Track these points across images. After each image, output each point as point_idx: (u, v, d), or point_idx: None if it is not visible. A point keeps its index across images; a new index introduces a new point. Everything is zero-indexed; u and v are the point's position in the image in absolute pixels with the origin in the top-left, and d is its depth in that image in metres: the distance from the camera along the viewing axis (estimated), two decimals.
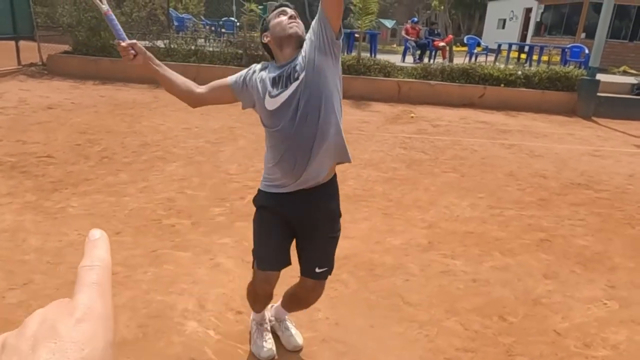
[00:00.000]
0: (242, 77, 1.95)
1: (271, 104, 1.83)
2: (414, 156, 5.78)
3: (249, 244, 3.19)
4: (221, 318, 2.41)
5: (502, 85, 10.03)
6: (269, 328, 2.27)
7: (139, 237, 3.15)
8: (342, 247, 3.24)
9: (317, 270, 1.96)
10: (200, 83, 7.85)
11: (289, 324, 2.31)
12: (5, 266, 2.70)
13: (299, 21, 1.87)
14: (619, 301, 2.85)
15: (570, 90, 10.07)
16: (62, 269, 2.71)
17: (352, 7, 10.15)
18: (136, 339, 2.20)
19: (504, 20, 23.62)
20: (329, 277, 2.02)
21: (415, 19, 13.25)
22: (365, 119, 7.86)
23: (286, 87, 1.79)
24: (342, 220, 2.03)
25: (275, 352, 2.18)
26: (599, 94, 9.90)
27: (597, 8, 14.52)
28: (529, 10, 21.45)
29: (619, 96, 10.45)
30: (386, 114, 8.50)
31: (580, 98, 9.87)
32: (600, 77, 10.02)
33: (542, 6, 19.83)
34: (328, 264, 1.99)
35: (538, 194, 4.75)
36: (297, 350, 2.23)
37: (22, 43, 9.89)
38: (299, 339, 2.26)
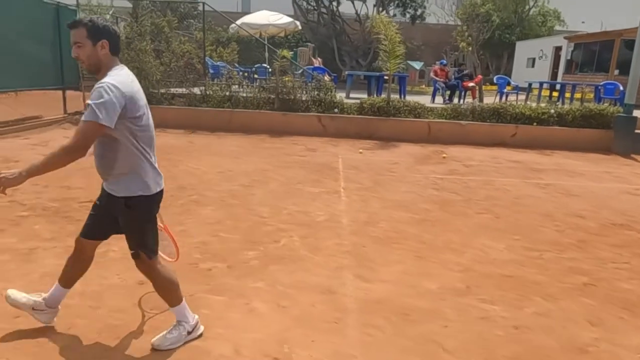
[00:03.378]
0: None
1: None
2: (446, 197, 5.73)
3: (283, 287, 3.22)
4: None
5: (535, 124, 9.95)
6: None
7: None
8: (376, 291, 3.23)
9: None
10: (234, 126, 8.20)
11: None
12: None
13: (82, 45, 2.17)
14: None
15: (605, 128, 9.89)
16: (102, 313, 2.78)
17: (380, 51, 10.40)
18: None
19: (534, 59, 23.62)
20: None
21: (444, 62, 13.43)
22: (395, 160, 7.89)
23: None
24: (374, 263, 2.67)
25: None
26: (637, 130, 9.68)
27: (629, 44, 14.39)
28: (558, 49, 21.41)
29: None
30: (416, 154, 8.51)
31: (617, 135, 9.66)
32: (637, 113, 9.82)
33: (572, 44, 19.79)
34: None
35: (576, 235, 4.61)
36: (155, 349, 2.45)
37: (68, 93, 10.52)
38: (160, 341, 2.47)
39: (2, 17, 8.53)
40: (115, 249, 3.71)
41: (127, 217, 2.37)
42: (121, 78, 2.18)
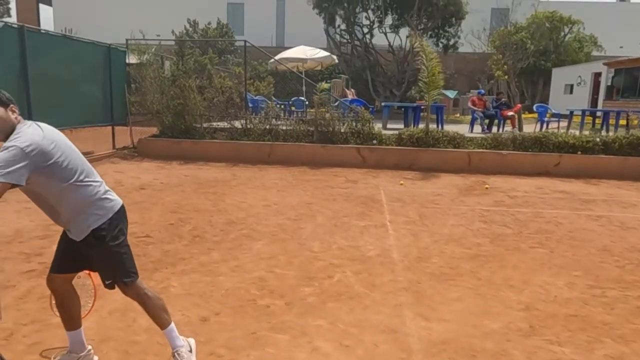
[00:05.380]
0: None
1: None
2: (496, 230, 5.63)
3: (344, 326, 3.20)
4: None
5: (579, 152, 9.73)
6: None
7: (237, 318, 3.25)
8: (438, 330, 3.18)
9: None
10: (274, 159, 8.40)
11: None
12: (120, 347, 2.86)
13: None
14: None
15: None
16: (170, 350, 2.83)
17: (420, 83, 10.47)
18: None
19: (571, 86, 23.23)
20: None
21: (482, 91, 13.40)
22: (438, 191, 7.83)
23: None
24: (433, 301, 2.92)
25: None
26: None
27: None
28: (598, 75, 21.02)
29: None
30: (458, 185, 8.43)
31: None
32: None
33: (613, 70, 19.42)
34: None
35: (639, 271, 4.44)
36: None
37: (117, 128, 10.98)
38: None
39: (62, 60, 9.05)
40: (174, 284, 3.80)
41: (101, 249, 2.33)
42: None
